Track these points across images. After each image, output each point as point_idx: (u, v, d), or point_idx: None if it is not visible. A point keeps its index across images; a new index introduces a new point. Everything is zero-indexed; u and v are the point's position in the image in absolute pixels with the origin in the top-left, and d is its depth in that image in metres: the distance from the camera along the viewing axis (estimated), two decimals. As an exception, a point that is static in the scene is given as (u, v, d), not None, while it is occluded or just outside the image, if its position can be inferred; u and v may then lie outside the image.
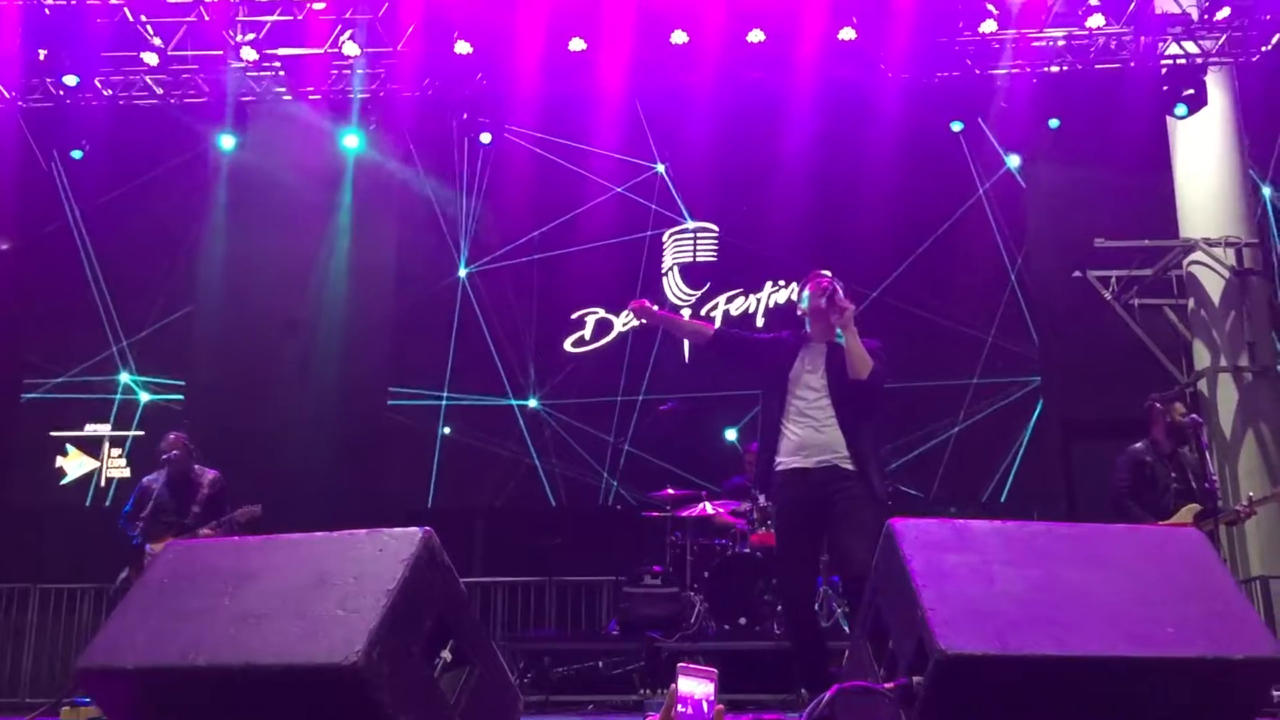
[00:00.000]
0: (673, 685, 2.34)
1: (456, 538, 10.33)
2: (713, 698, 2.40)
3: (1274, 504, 6.98)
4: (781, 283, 11.05)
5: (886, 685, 2.88)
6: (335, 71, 9.83)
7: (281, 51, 9.71)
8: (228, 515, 7.11)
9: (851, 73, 10.05)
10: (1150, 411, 6.77)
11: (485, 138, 9.97)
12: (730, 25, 9.64)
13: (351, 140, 10.12)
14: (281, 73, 9.81)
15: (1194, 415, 6.63)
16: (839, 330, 4.85)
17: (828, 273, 5.01)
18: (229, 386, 10.48)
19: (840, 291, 4.88)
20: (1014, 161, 11.16)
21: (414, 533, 3.07)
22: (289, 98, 10.02)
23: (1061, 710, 2.97)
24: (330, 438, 10.46)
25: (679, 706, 2.36)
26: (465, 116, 9.85)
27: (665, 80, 10.15)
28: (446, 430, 10.90)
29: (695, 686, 2.39)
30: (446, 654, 3.08)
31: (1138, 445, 6.76)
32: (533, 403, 10.92)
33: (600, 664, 7.63)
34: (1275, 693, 6.50)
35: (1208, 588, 3.09)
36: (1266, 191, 10.65)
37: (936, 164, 10.94)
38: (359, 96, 9.92)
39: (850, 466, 4.75)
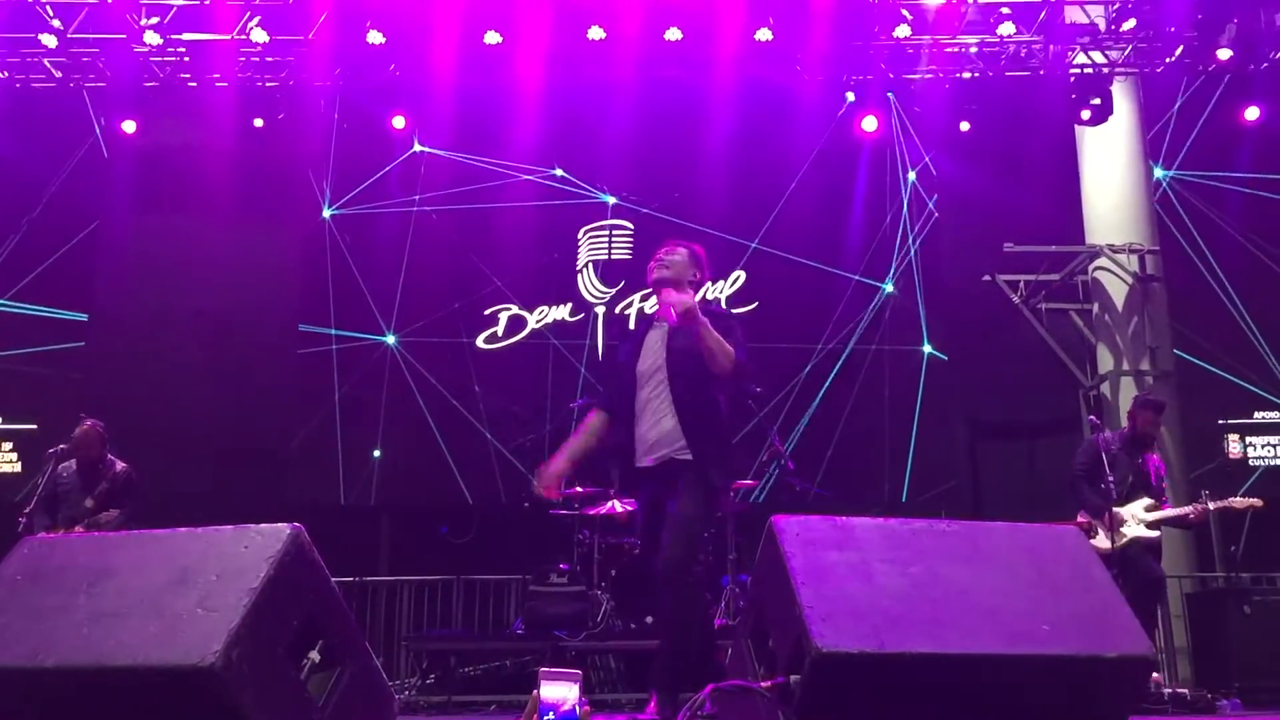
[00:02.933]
0: (535, 691, 2.28)
1: (364, 535, 10.20)
2: (578, 700, 2.35)
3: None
4: (697, 281, 11.02)
5: (763, 684, 2.84)
6: (243, 58, 9.61)
7: (187, 36, 9.47)
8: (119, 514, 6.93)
9: (769, 72, 10.08)
10: (1135, 406, 7.14)
11: (398, 122, 9.83)
12: (648, 22, 9.62)
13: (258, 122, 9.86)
14: (186, 59, 9.57)
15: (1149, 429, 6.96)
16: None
17: (672, 261, 4.67)
18: (133, 384, 10.19)
19: (679, 279, 4.60)
20: (927, 166, 11.26)
21: (282, 529, 2.97)
22: (194, 84, 9.76)
23: (939, 707, 2.97)
24: (239, 433, 10.24)
25: (540, 714, 2.30)
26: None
27: (583, 75, 10.10)
28: (377, 453, 10.73)
29: (558, 691, 2.33)
30: (315, 655, 2.98)
31: (1106, 434, 7.10)
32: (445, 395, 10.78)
33: (507, 663, 7.54)
34: (1166, 690, 6.68)
35: (1084, 586, 3.11)
36: (1160, 173, 10.83)
37: (853, 165, 11.05)
38: (267, 85, 9.70)
39: (687, 456, 4.42)
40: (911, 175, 11.24)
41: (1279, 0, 9.17)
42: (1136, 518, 6.82)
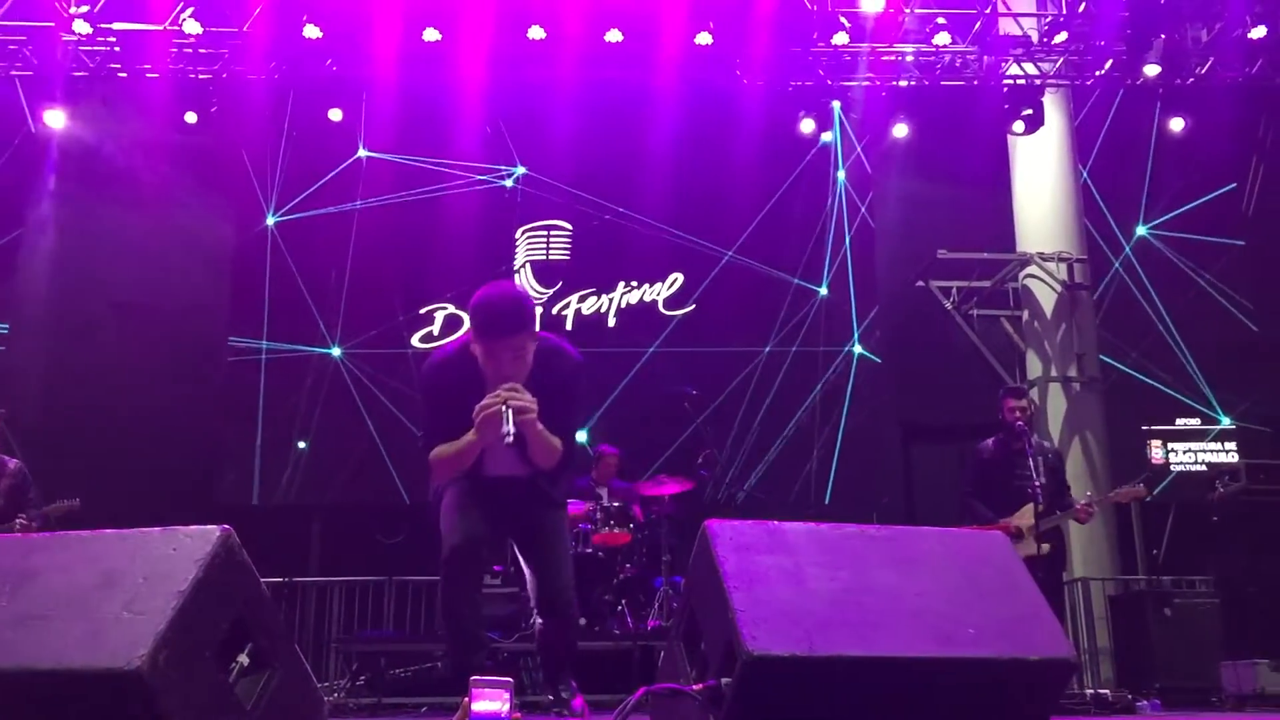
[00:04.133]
0: (465, 700, 2.28)
1: (295, 535, 10.09)
2: (508, 709, 2.35)
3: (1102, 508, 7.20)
4: (635, 283, 11.09)
5: (695, 686, 2.86)
6: (175, 50, 9.45)
7: (118, 26, 9.28)
8: (40, 509, 6.76)
9: (710, 76, 10.14)
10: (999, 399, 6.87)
11: (335, 114, 9.74)
12: (589, 23, 9.63)
13: (191, 117, 9.69)
14: (117, 49, 9.39)
15: (1021, 423, 6.72)
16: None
17: (518, 345, 3.74)
18: (56, 381, 9.98)
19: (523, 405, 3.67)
20: (865, 172, 11.41)
21: (211, 531, 2.92)
22: (124, 75, 9.57)
23: (869, 711, 3.01)
24: (163, 428, 10.06)
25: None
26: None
27: (523, 75, 10.08)
28: (302, 445, 10.61)
29: (489, 705, 2.33)
30: (244, 658, 2.94)
31: (986, 441, 6.89)
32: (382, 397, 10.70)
33: (438, 665, 7.49)
34: (1088, 691, 6.83)
35: (1009, 589, 3.17)
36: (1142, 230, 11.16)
37: (792, 169, 11.17)
38: (200, 77, 9.55)
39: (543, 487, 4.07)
40: (844, 179, 11.37)
41: (1204, 17, 9.40)
42: (1024, 529, 6.44)
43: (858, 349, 11.01)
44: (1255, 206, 11.47)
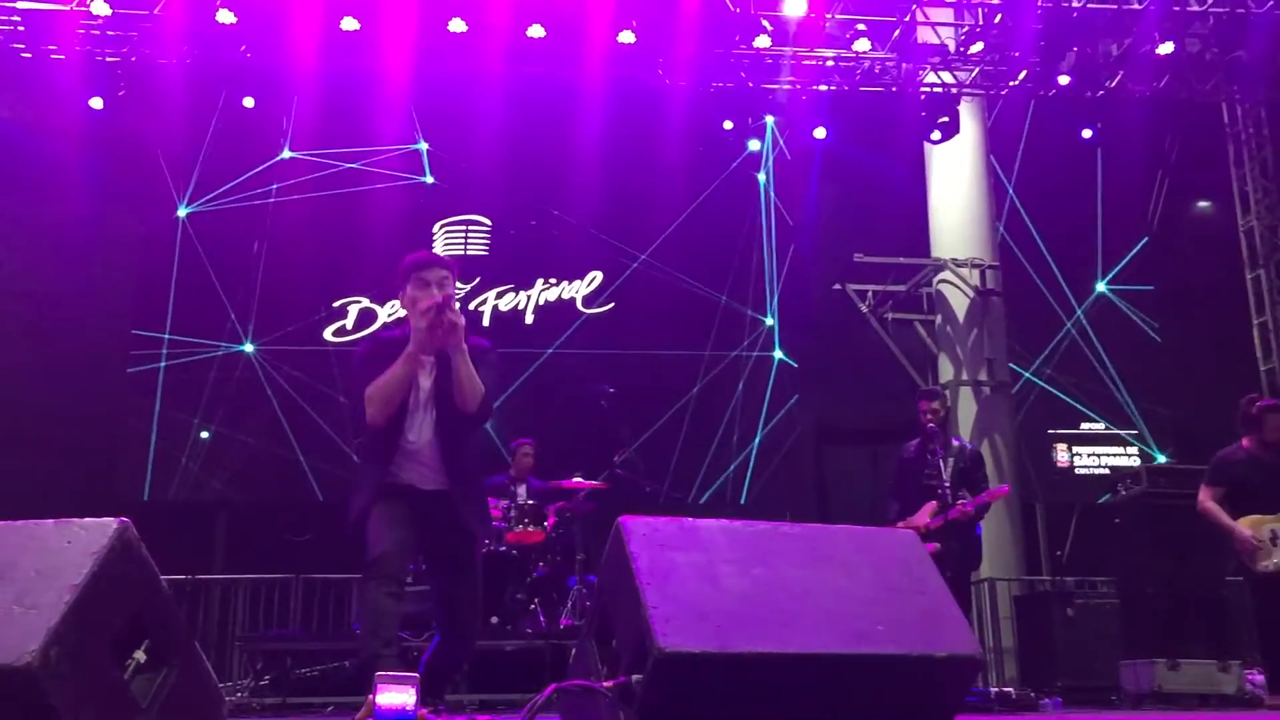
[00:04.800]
0: (370, 697, 2.23)
1: (200, 532, 9.86)
2: (414, 704, 2.30)
3: (1000, 510, 7.34)
4: (554, 280, 11.04)
5: (605, 684, 2.84)
6: (83, 31, 9.15)
7: (22, 5, 8.96)
8: None
9: (633, 74, 10.12)
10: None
11: (248, 102, 9.54)
12: (512, 18, 9.54)
13: (96, 102, 9.40)
14: (21, 28, 9.06)
15: (931, 424, 6.84)
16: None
17: (442, 276, 4.04)
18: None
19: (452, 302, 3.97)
20: (785, 174, 11.50)
21: (108, 524, 2.83)
22: (29, 55, 9.25)
23: (779, 706, 3.02)
24: (66, 421, 9.77)
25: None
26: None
27: (446, 68, 9.95)
28: (204, 434, 10.37)
29: (394, 697, 2.28)
30: (141, 654, 2.86)
31: (910, 443, 6.99)
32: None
33: (346, 664, 7.36)
34: (993, 690, 6.95)
35: (917, 587, 3.21)
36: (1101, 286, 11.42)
37: (716, 171, 11.23)
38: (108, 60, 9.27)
39: (455, 498, 4.08)
40: (766, 181, 11.45)
41: (1114, 32, 9.64)
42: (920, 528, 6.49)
43: (778, 354, 11.10)
44: (1160, 214, 11.86)
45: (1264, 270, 10.52)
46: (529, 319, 10.94)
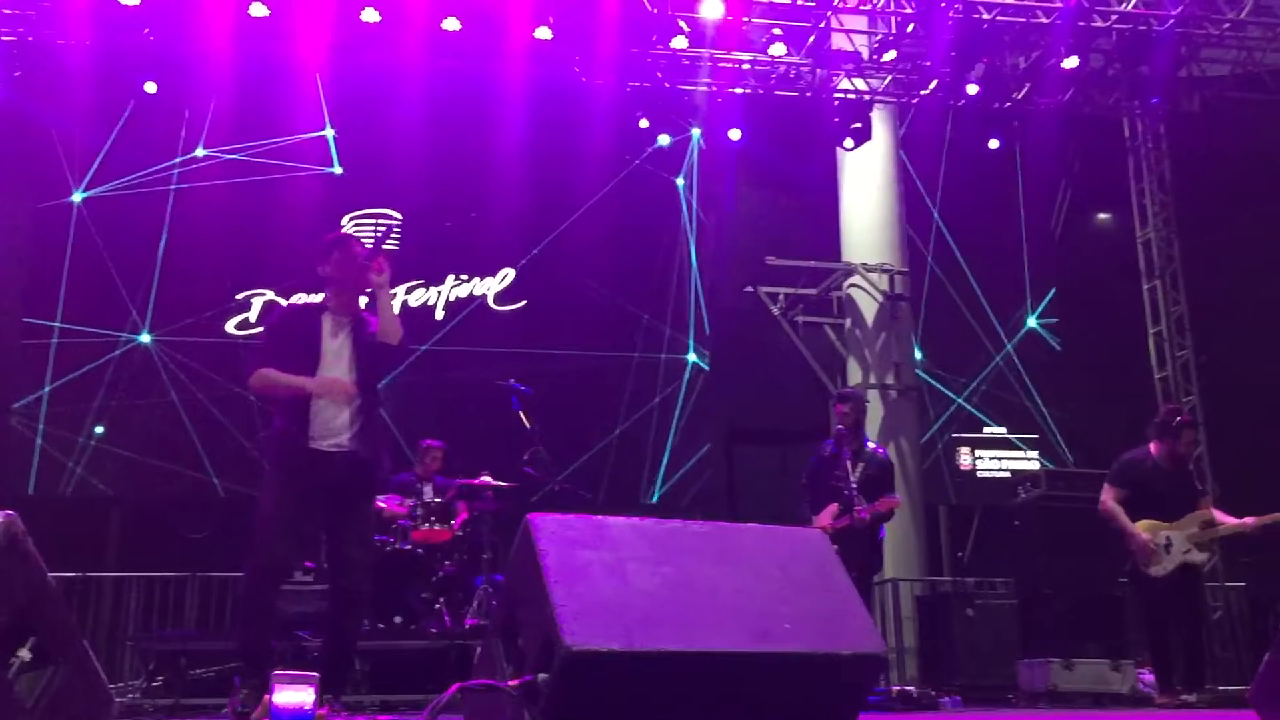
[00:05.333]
0: (266, 697, 2.15)
1: (92, 528, 9.54)
2: (312, 704, 2.23)
3: (904, 512, 7.45)
4: (464, 276, 10.93)
5: (510, 682, 2.79)
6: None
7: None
8: None
9: (550, 72, 10.05)
10: None
11: (150, 87, 9.25)
12: (427, 10, 9.40)
13: None
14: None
15: (841, 426, 6.92)
16: (372, 292, 4.54)
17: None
18: None
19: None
20: (699, 177, 11.54)
21: (-11, 516, 2.70)
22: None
23: (688, 705, 3.00)
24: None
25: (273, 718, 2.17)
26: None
27: (357, 59, 9.77)
28: (99, 430, 10.06)
29: (292, 696, 2.20)
30: (25, 653, 2.74)
31: (825, 443, 7.03)
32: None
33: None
34: (894, 689, 7.04)
35: (824, 586, 3.22)
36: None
37: (632, 170, 11.22)
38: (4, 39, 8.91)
39: (365, 455, 4.47)
40: (682, 183, 11.48)
41: (1022, 45, 9.86)
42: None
43: (690, 356, 11.13)
44: (1063, 224, 12.18)
45: (1160, 281, 10.83)
46: (439, 315, 10.81)
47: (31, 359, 10.11)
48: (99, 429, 10.05)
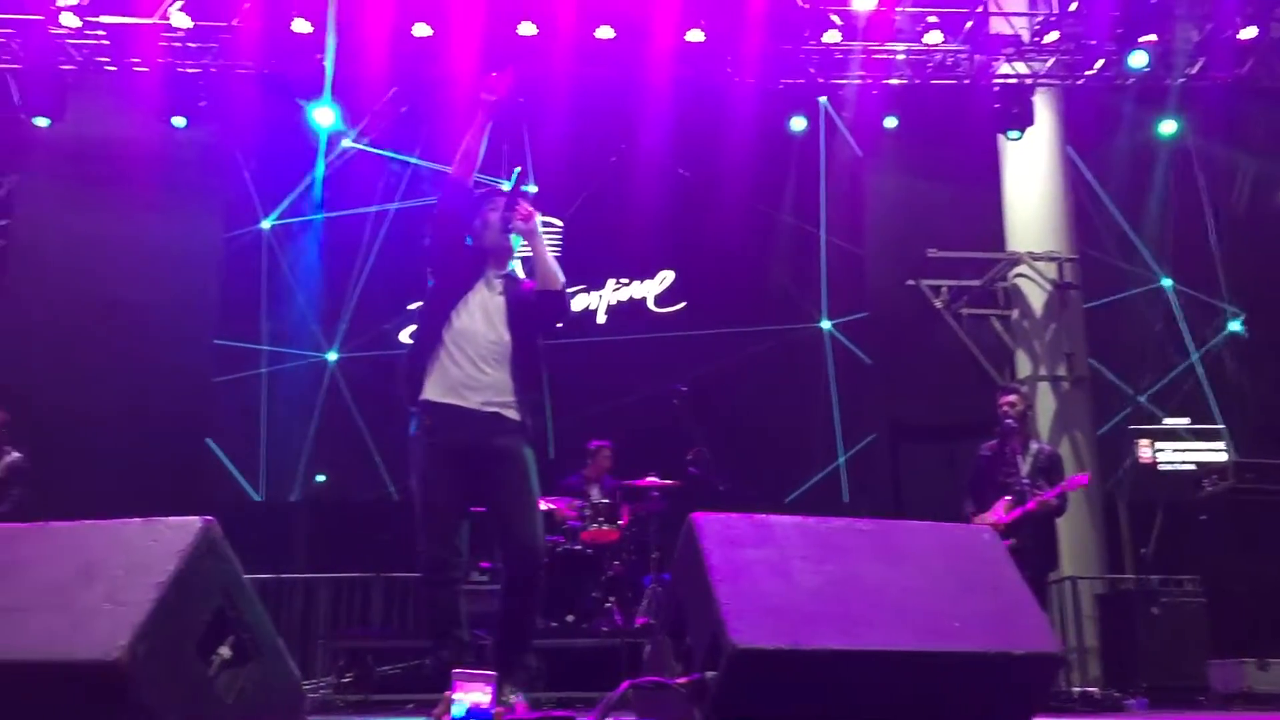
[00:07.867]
0: (446, 694, 2.26)
1: (282, 532, 10.05)
2: (490, 703, 2.33)
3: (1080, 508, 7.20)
4: (625, 280, 11.09)
5: (679, 680, 2.85)
6: (164, 43, 9.39)
7: (106, 19, 9.23)
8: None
9: (701, 74, 10.12)
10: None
11: (324, 116, 9.76)
12: (579, 20, 9.61)
13: (180, 121, 9.65)
14: (106, 42, 9.33)
15: (1009, 419, 6.75)
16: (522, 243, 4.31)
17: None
18: (40, 376, 9.90)
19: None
20: (856, 169, 11.40)
21: (192, 522, 2.91)
22: (114, 69, 9.51)
23: (852, 704, 2.99)
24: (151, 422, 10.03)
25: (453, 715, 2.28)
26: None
27: (519, 71, 10.01)
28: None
29: (472, 697, 2.31)
30: (225, 650, 2.93)
31: (990, 441, 6.91)
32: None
33: (426, 662, 7.45)
34: (1075, 690, 6.83)
35: (995, 584, 3.16)
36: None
37: (783, 167, 11.17)
38: (190, 71, 9.51)
39: (515, 416, 4.18)
40: (825, 175, 11.36)
41: (1195, 17, 9.42)
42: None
43: (855, 350, 11.03)
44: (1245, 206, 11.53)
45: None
46: (601, 318, 11.00)
47: (231, 379, 10.73)
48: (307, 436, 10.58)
